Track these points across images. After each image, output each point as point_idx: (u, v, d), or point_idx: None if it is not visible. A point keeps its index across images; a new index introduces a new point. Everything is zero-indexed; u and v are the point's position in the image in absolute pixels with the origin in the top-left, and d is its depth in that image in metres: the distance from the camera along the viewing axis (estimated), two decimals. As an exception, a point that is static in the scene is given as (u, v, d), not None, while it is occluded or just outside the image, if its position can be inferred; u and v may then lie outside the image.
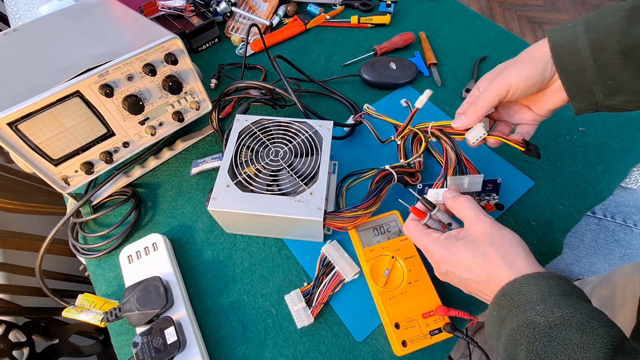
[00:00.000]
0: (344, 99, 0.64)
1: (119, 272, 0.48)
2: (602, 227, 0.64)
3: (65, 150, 0.44)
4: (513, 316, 0.30)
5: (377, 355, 0.43)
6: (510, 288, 0.31)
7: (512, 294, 0.31)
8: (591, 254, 0.64)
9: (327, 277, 0.46)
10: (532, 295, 0.29)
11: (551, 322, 0.27)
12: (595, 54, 0.34)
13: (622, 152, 0.57)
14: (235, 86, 0.55)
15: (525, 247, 0.34)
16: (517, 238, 0.34)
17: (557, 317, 0.27)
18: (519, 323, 0.29)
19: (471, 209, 0.37)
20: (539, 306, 0.29)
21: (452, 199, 0.39)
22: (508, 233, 0.35)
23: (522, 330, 0.29)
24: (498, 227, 0.35)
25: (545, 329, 0.27)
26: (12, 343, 0.64)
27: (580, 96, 0.37)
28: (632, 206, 0.64)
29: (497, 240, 0.34)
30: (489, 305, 0.33)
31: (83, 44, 0.49)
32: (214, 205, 0.43)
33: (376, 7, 0.78)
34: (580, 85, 0.36)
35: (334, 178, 0.54)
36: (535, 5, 2.13)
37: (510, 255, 0.33)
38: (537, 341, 0.27)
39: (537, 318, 0.28)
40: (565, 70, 0.36)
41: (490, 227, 0.35)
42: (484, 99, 0.39)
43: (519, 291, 0.30)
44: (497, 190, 0.49)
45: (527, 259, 0.33)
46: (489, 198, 0.50)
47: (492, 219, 0.36)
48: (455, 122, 0.42)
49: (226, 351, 0.44)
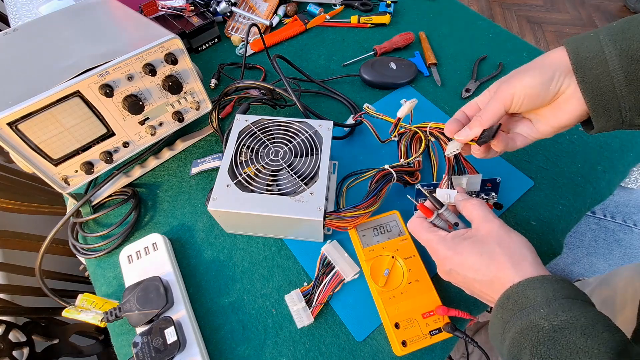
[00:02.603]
0: (344, 99, 0.64)
1: (119, 272, 0.48)
2: (602, 227, 0.64)
3: (65, 150, 0.44)
4: (517, 319, 0.29)
5: (377, 355, 0.43)
6: (514, 291, 0.31)
7: (517, 297, 0.30)
8: (591, 254, 0.64)
9: (327, 277, 0.46)
10: (536, 298, 0.29)
11: (555, 326, 0.27)
12: (627, 66, 0.30)
13: (622, 152, 0.57)
14: (235, 86, 0.55)
15: (532, 250, 0.34)
16: (524, 241, 0.34)
17: (561, 320, 0.27)
18: (523, 326, 0.29)
19: (481, 210, 0.37)
20: (544, 309, 0.28)
21: (463, 200, 0.39)
22: (516, 235, 0.34)
23: (526, 334, 0.28)
24: (506, 229, 0.35)
25: (549, 332, 0.27)
26: (12, 343, 0.64)
27: (606, 114, 0.33)
28: (632, 206, 0.64)
29: (505, 242, 0.34)
30: (493, 307, 0.33)
31: (83, 44, 0.49)
32: (214, 205, 0.43)
33: (376, 7, 0.78)
34: (607, 102, 0.32)
35: (334, 178, 0.54)
36: (535, 5, 2.13)
37: (517, 257, 0.33)
38: (541, 345, 0.27)
39: (541, 321, 0.28)
40: (590, 85, 0.32)
41: (499, 228, 0.35)
42: (489, 112, 0.36)
43: (523, 294, 0.30)
44: (496, 190, 0.49)
45: (534, 262, 0.33)
46: (487, 197, 0.50)
47: (501, 220, 0.36)
48: (460, 135, 0.38)
49: (226, 351, 0.44)
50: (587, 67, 0.32)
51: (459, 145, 0.40)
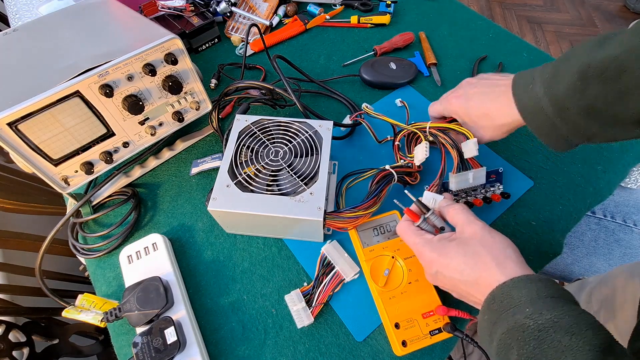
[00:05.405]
0: (344, 99, 0.64)
1: (119, 272, 0.48)
2: (602, 227, 0.64)
3: (65, 150, 0.44)
4: (503, 320, 0.30)
5: (377, 355, 0.43)
6: (499, 291, 0.31)
7: (502, 297, 0.31)
8: (591, 254, 0.64)
9: (327, 277, 0.46)
10: (521, 298, 0.30)
11: (540, 325, 0.28)
12: (560, 113, 0.35)
13: (622, 152, 0.57)
14: (235, 86, 0.55)
15: (515, 250, 0.35)
16: (507, 241, 0.35)
17: (546, 319, 0.28)
18: (509, 327, 0.29)
19: (464, 214, 0.38)
20: (529, 309, 0.29)
21: (446, 206, 0.40)
22: (499, 236, 0.35)
23: (512, 334, 0.29)
24: (489, 230, 0.36)
25: (534, 331, 0.28)
26: (12, 343, 0.64)
27: (558, 142, 0.39)
28: (632, 206, 0.64)
29: (489, 242, 0.34)
30: (480, 309, 0.33)
31: (83, 44, 0.49)
32: (214, 205, 0.43)
33: (376, 7, 0.78)
34: (558, 137, 0.38)
35: (333, 178, 0.54)
36: (535, 5, 2.13)
37: (501, 257, 0.33)
38: (527, 344, 0.28)
39: (526, 321, 0.28)
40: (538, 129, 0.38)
41: (482, 230, 0.36)
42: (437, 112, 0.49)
43: (508, 294, 0.31)
44: (500, 180, 0.50)
45: (518, 261, 0.33)
46: (494, 188, 0.50)
47: (484, 223, 0.37)
48: None
49: (226, 351, 0.44)
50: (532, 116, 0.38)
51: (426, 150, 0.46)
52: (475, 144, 0.43)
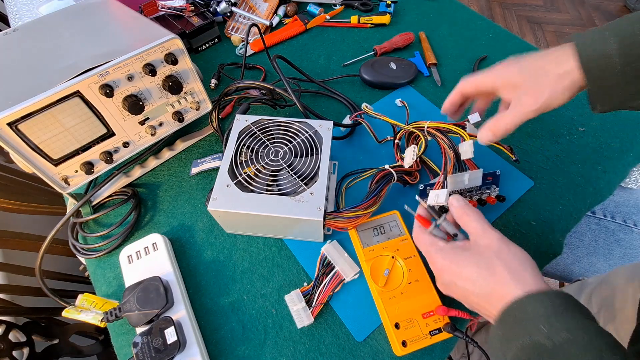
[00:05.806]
0: (344, 99, 0.64)
1: (119, 272, 0.48)
2: (602, 227, 0.64)
3: (65, 150, 0.44)
4: (518, 337, 0.29)
5: (377, 355, 0.43)
6: (514, 306, 0.30)
7: (517, 312, 0.30)
8: (591, 254, 0.64)
9: (327, 277, 0.46)
10: (536, 314, 0.29)
11: (556, 343, 0.27)
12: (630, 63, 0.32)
13: (622, 152, 0.57)
14: (235, 86, 0.55)
15: (533, 263, 0.33)
16: (525, 254, 0.34)
17: (562, 338, 0.27)
18: (524, 344, 0.28)
19: (478, 222, 0.36)
20: (544, 327, 0.28)
21: (459, 210, 0.38)
22: (516, 248, 0.34)
23: (527, 352, 0.28)
24: (506, 242, 0.34)
25: (550, 350, 0.27)
26: (12, 343, 0.64)
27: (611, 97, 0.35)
28: (632, 206, 0.64)
29: (505, 254, 0.33)
30: (493, 322, 0.32)
31: (83, 44, 0.49)
32: (214, 205, 0.43)
33: (376, 7, 0.78)
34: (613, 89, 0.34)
35: (333, 178, 0.54)
36: (535, 5, 2.13)
37: (518, 271, 0.32)
38: None
39: (542, 339, 0.28)
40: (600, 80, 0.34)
41: (498, 241, 0.34)
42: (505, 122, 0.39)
43: (523, 310, 0.30)
44: (497, 182, 0.50)
45: (534, 275, 0.32)
46: (489, 191, 0.50)
47: (500, 233, 0.35)
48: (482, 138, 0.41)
49: (226, 351, 0.44)
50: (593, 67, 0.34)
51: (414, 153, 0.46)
52: (471, 146, 0.43)
